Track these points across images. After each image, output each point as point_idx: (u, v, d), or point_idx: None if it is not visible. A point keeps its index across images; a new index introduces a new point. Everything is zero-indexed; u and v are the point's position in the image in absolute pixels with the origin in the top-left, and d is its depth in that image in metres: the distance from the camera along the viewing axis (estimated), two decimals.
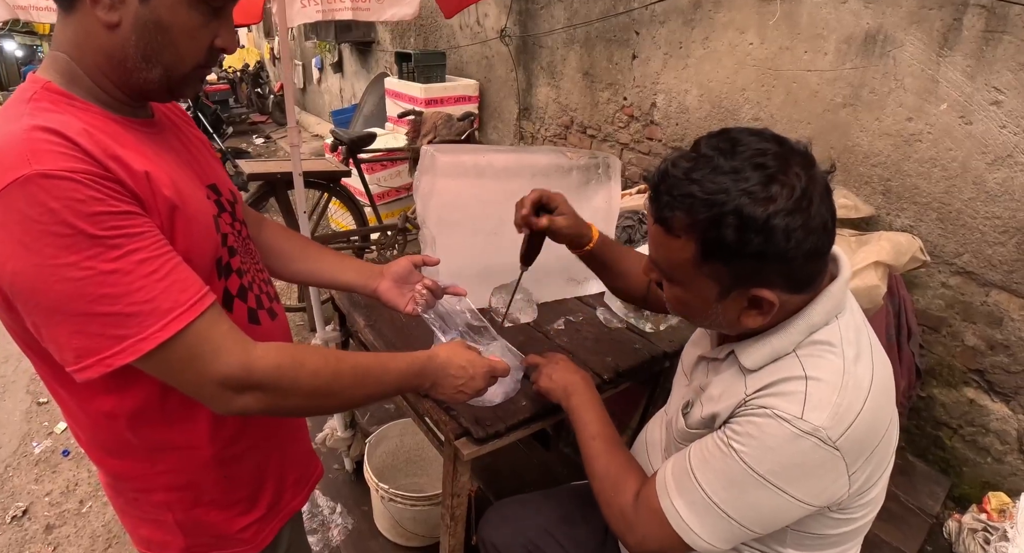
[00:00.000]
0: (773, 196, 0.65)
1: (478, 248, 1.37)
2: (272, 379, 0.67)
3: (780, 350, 0.74)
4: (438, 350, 0.87)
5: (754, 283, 0.70)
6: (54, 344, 0.62)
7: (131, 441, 0.76)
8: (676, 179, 0.69)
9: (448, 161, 1.30)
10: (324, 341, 1.65)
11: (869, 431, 0.70)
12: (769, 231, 0.65)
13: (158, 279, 0.61)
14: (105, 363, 0.60)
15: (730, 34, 2.39)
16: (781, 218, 0.64)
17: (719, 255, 0.69)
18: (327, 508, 1.90)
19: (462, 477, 1.07)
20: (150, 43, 0.65)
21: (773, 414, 0.69)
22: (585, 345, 1.29)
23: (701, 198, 0.66)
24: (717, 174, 0.66)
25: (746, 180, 0.65)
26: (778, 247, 0.66)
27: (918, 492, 2.03)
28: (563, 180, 1.39)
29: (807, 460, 0.68)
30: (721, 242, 0.67)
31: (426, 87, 3.84)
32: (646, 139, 2.94)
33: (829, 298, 0.74)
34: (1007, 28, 1.67)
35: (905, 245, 1.65)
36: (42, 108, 0.63)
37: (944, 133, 1.85)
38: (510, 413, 1.04)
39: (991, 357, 1.93)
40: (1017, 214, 1.74)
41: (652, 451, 0.97)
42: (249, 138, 7.78)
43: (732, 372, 0.79)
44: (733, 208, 0.65)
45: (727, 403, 0.77)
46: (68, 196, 0.56)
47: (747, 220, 0.65)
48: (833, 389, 0.68)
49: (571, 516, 1.13)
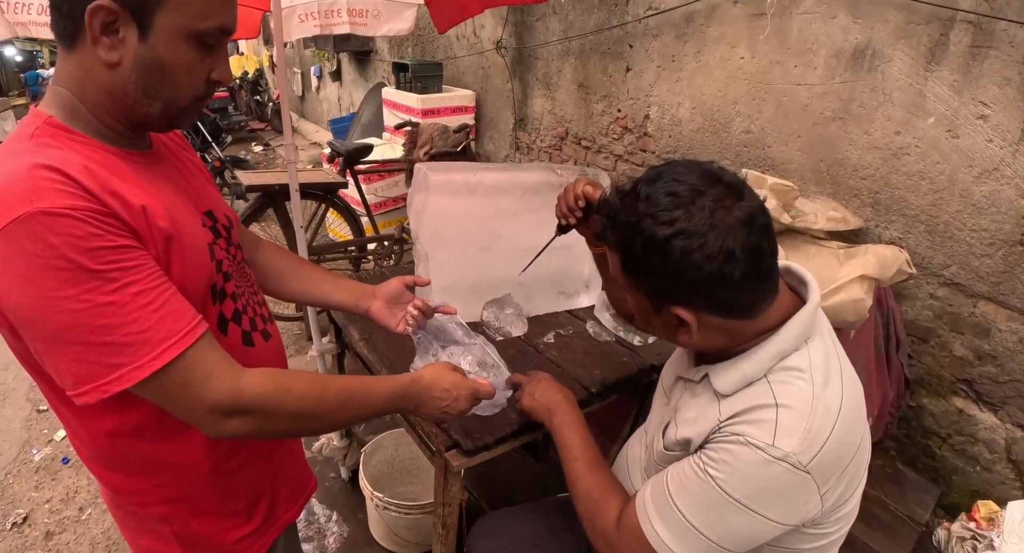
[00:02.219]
0: (673, 219, 0.71)
1: (469, 263, 1.40)
2: (260, 404, 0.70)
3: (751, 375, 0.77)
4: (422, 373, 0.90)
5: (672, 301, 0.76)
6: (54, 370, 0.65)
7: (130, 457, 0.79)
8: (613, 202, 0.78)
9: (440, 180, 1.33)
10: (320, 352, 1.67)
11: (839, 453, 0.72)
12: (667, 251, 0.71)
13: (153, 310, 0.64)
14: (101, 390, 0.63)
15: (722, 48, 2.43)
16: (679, 240, 0.70)
17: (634, 270, 0.77)
18: (323, 516, 1.92)
19: (453, 487, 1.09)
20: (149, 80, 0.68)
21: (746, 441, 0.71)
22: (575, 358, 1.31)
23: (620, 220, 0.76)
24: (636, 200, 0.75)
25: (655, 205, 0.73)
26: (676, 267, 0.72)
27: (907, 500, 2.05)
28: (553, 196, 1.41)
29: (780, 484, 0.70)
30: (633, 258, 0.76)
31: (423, 97, 3.87)
32: (640, 150, 2.97)
33: (798, 324, 0.77)
34: (993, 43, 1.70)
35: (891, 258, 1.68)
36: (43, 145, 0.66)
37: (931, 146, 1.88)
38: (498, 426, 1.07)
39: (979, 367, 1.95)
40: (1004, 226, 1.77)
41: (632, 469, 0.99)
42: (248, 145, 7.82)
43: (707, 396, 0.82)
44: (639, 229, 0.73)
45: (701, 428, 0.79)
46: (68, 232, 0.59)
47: (647, 239, 0.72)
48: (802, 415, 0.71)
49: (557, 528, 1.15)
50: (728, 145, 2.52)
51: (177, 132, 0.90)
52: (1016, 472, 1.94)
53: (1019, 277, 1.78)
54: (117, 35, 0.65)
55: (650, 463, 0.92)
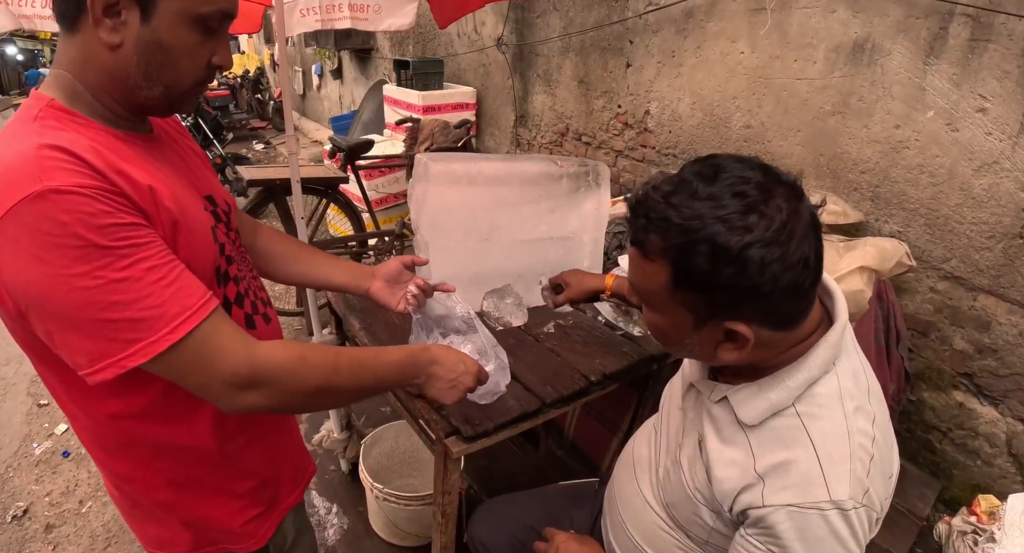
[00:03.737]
0: (750, 226, 0.62)
1: (470, 253, 1.40)
2: (275, 375, 0.70)
3: (778, 405, 0.72)
4: (431, 345, 0.91)
5: (728, 316, 0.67)
6: (67, 349, 0.65)
7: (136, 442, 0.79)
8: (654, 202, 0.67)
9: (441, 169, 1.34)
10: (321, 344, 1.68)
11: (881, 481, 0.71)
12: (743, 262, 0.62)
13: (165, 285, 0.64)
14: (119, 365, 0.63)
15: (722, 43, 2.43)
16: (757, 249, 0.62)
17: (691, 284, 0.66)
18: (323, 508, 1.92)
19: (453, 475, 1.10)
20: (151, 62, 0.68)
21: (803, 508, 0.67)
22: (574, 348, 1.32)
23: (676, 223, 0.64)
24: (695, 200, 0.64)
25: (723, 207, 0.63)
26: (752, 280, 0.63)
27: (908, 495, 2.05)
28: (553, 187, 1.43)
29: (853, 526, 0.68)
30: (693, 270, 0.65)
31: (424, 94, 3.88)
32: (640, 146, 2.97)
33: (828, 347, 0.71)
34: (992, 37, 1.70)
35: (891, 250, 1.68)
36: (48, 126, 0.66)
37: (931, 140, 1.88)
38: (498, 412, 1.07)
39: (979, 361, 1.95)
40: (1003, 219, 1.77)
41: (640, 470, 0.96)
42: (249, 144, 7.83)
43: (729, 423, 0.77)
44: (706, 235, 0.62)
45: (733, 480, 0.74)
46: (78, 209, 0.59)
47: (720, 249, 0.62)
48: (844, 457, 0.68)
49: (557, 514, 1.16)
50: (728, 140, 2.52)
51: (176, 118, 0.90)
52: (1017, 466, 1.93)
53: (1019, 270, 1.78)
54: (119, 17, 0.65)
55: (667, 486, 0.87)
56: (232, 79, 9.18)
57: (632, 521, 0.94)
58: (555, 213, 1.44)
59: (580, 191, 1.46)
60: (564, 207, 1.44)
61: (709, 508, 0.79)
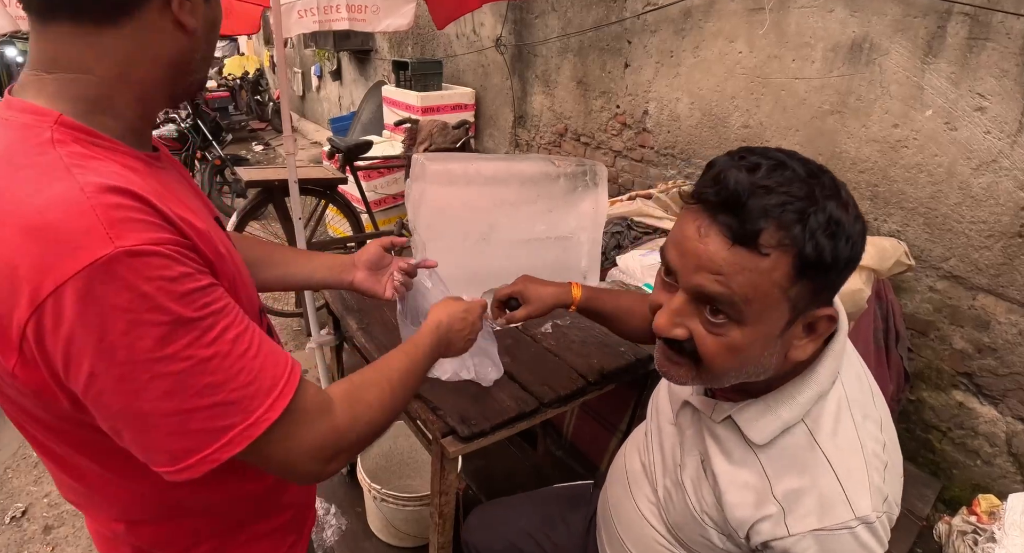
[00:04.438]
0: (845, 200, 0.61)
1: (467, 253, 1.40)
2: (355, 434, 0.63)
3: (789, 421, 0.69)
4: (437, 316, 0.89)
5: (823, 301, 0.64)
6: (142, 447, 0.53)
7: (184, 507, 0.69)
8: (756, 186, 0.59)
9: (438, 169, 1.34)
10: (319, 345, 1.68)
11: (895, 482, 0.70)
12: (856, 236, 0.60)
13: (252, 356, 0.54)
14: (211, 460, 0.53)
15: (720, 43, 2.43)
16: (860, 222, 0.62)
17: (816, 268, 0.60)
18: (321, 509, 1.92)
19: (449, 475, 1.09)
20: (211, 43, 0.62)
21: (830, 532, 0.66)
22: (572, 347, 1.31)
23: (794, 204, 0.58)
24: (797, 180, 0.59)
25: (824, 185, 0.60)
26: (858, 253, 0.61)
27: (908, 494, 2.04)
28: (551, 187, 1.42)
29: (878, 533, 0.67)
30: (818, 253, 0.59)
31: (423, 95, 3.88)
32: (639, 146, 2.97)
33: (833, 357, 0.69)
34: (990, 35, 1.70)
35: (890, 250, 1.68)
36: (78, 154, 0.51)
37: (929, 139, 1.88)
38: (495, 412, 1.07)
39: (979, 360, 1.94)
40: (1002, 218, 1.77)
41: (635, 486, 0.92)
42: (248, 145, 7.84)
43: (738, 445, 0.73)
44: (827, 213, 0.58)
45: (747, 500, 0.71)
46: (161, 275, 0.48)
47: (838, 225, 0.59)
48: (861, 470, 0.66)
49: (552, 518, 1.15)
50: (727, 140, 2.52)
51: None
52: (1017, 466, 1.93)
53: (1018, 269, 1.77)
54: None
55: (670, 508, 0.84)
56: (232, 80, 9.19)
57: (629, 537, 0.92)
58: (553, 213, 1.44)
59: (578, 191, 1.45)
60: (562, 207, 1.44)
61: (719, 531, 0.76)
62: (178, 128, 4.90)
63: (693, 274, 0.63)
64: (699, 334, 0.65)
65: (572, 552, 1.11)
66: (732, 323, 0.63)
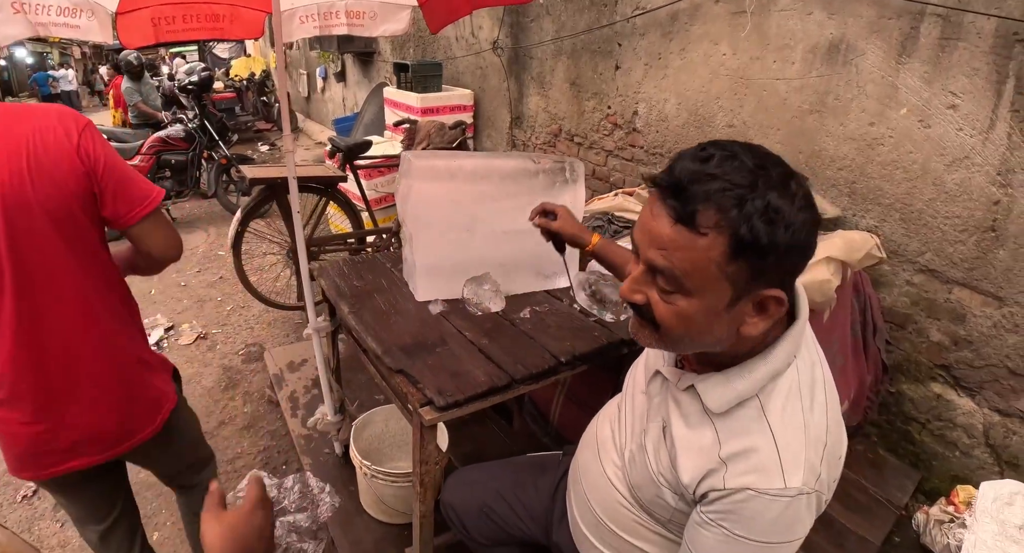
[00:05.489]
0: (794, 191, 0.66)
1: (451, 244, 1.48)
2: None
3: (744, 394, 0.76)
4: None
5: (768, 282, 0.69)
6: (129, 196, 1.07)
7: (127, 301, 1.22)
8: (702, 174, 0.67)
9: (423, 165, 1.42)
10: (316, 330, 1.77)
11: (832, 464, 0.76)
12: (794, 224, 0.65)
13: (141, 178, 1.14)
14: (152, 203, 1.10)
15: (705, 45, 2.50)
16: (805, 212, 0.66)
17: (750, 251, 0.66)
18: (317, 487, 2.00)
19: (429, 444, 1.17)
20: None
21: (759, 493, 0.72)
22: (548, 331, 1.39)
23: (733, 191, 0.65)
24: (743, 170, 0.66)
25: (769, 176, 0.66)
26: (799, 241, 0.66)
27: (887, 485, 2.10)
28: (530, 182, 1.50)
29: (800, 511, 0.73)
30: (754, 236, 0.65)
31: (422, 96, 3.97)
32: (629, 146, 3.04)
33: (791, 341, 0.76)
34: (962, 35, 1.75)
35: (859, 242, 1.74)
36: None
37: (904, 137, 1.94)
38: (470, 386, 1.15)
39: (955, 352, 1.99)
40: (975, 213, 1.82)
41: (603, 451, 1.00)
42: (255, 145, 7.97)
43: (696, 411, 0.81)
44: (765, 200, 0.64)
45: (699, 466, 0.78)
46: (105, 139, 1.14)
47: (776, 212, 0.64)
48: (800, 446, 0.73)
49: (524, 482, 1.23)
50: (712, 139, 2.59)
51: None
52: (994, 457, 1.97)
53: (991, 263, 1.82)
54: None
55: (632, 470, 0.92)
56: (238, 82, 9.34)
57: (596, 498, 1.00)
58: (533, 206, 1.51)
59: (556, 186, 1.53)
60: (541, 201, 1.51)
61: (672, 491, 0.84)
62: (185, 128, 5.01)
63: (647, 249, 0.72)
64: (653, 300, 0.74)
65: (539, 512, 1.19)
66: (679, 294, 0.71)
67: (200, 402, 2.70)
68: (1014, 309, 1.81)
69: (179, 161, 4.95)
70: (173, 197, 5.02)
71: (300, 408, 2.45)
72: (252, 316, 3.49)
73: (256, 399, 2.71)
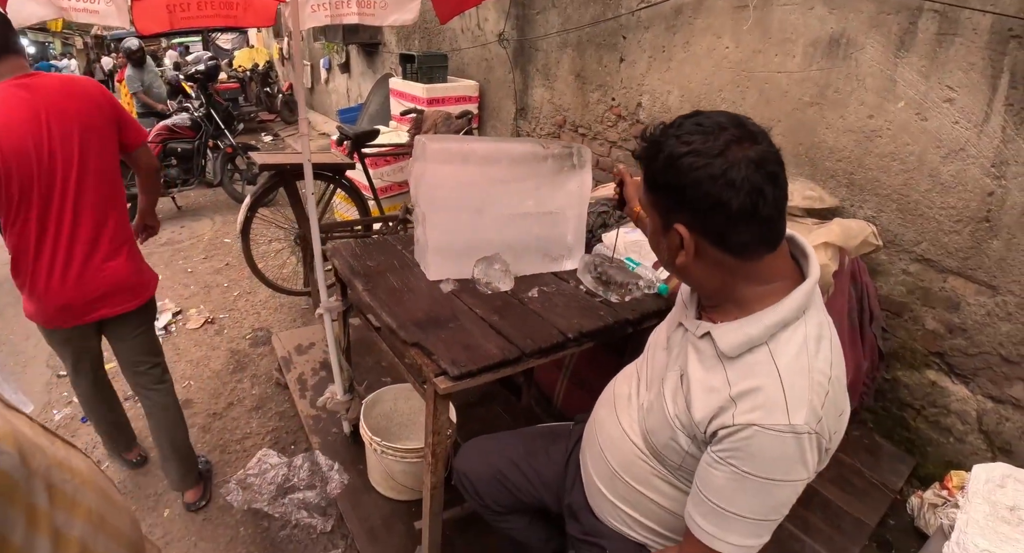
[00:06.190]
0: (691, 141, 0.81)
1: (463, 225, 1.53)
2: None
3: (755, 339, 0.84)
4: None
5: (675, 218, 0.85)
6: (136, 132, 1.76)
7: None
8: (651, 132, 0.89)
9: (437, 148, 1.47)
10: (327, 310, 1.81)
11: (832, 415, 0.82)
12: (679, 166, 0.81)
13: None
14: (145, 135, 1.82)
15: (708, 39, 2.55)
16: (689, 157, 0.80)
17: (653, 185, 0.87)
18: (326, 466, 2.06)
19: (442, 415, 1.22)
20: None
21: (764, 429, 0.79)
22: (555, 310, 1.44)
23: (651, 139, 0.87)
24: (670, 128, 0.85)
25: (681, 130, 0.83)
26: (683, 180, 0.81)
27: (882, 469, 2.15)
28: (539, 167, 1.55)
29: (803, 449, 0.79)
30: (653, 173, 0.86)
31: (428, 87, 4.01)
32: (633, 137, 3.09)
33: (800, 296, 0.84)
34: (958, 31, 1.80)
35: (856, 229, 1.79)
36: None
37: (902, 129, 1.98)
38: (482, 357, 1.20)
39: (950, 340, 2.04)
40: (970, 204, 1.87)
41: (620, 405, 1.08)
42: (258, 135, 8.00)
43: (711, 356, 0.89)
44: (663, 146, 0.83)
45: (710, 405, 0.85)
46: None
47: (667, 156, 0.82)
48: (804, 387, 0.79)
49: (536, 450, 1.28)
50: None
51: None
52: (988, 443, 2.02)
53: (985, 253, 1.87)
54: None
55: (648, 417, 0.99)
56: (242, 72, 9.35)
57: (610, 450, 1.06)
58: (541, 190, 1.56)
59: (564, 171, 1.58)
60: (549, 185, 1.56)
61: (686, 434, 0.91)
62: (191, 117, 5.04)
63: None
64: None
65: (552, 479, 1.25)
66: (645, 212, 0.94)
67: (208, 384, 2.75)
68: (1007, 298, 1.86)
69: (185, 149, 4.98)
70: (179, 185, 5.04)
71: (308, 389, 2.51)
72: (258, 302, 3.54)
73: (264, 381, 2.77)
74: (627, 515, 1.05)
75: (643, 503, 1.02)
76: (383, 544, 1.78)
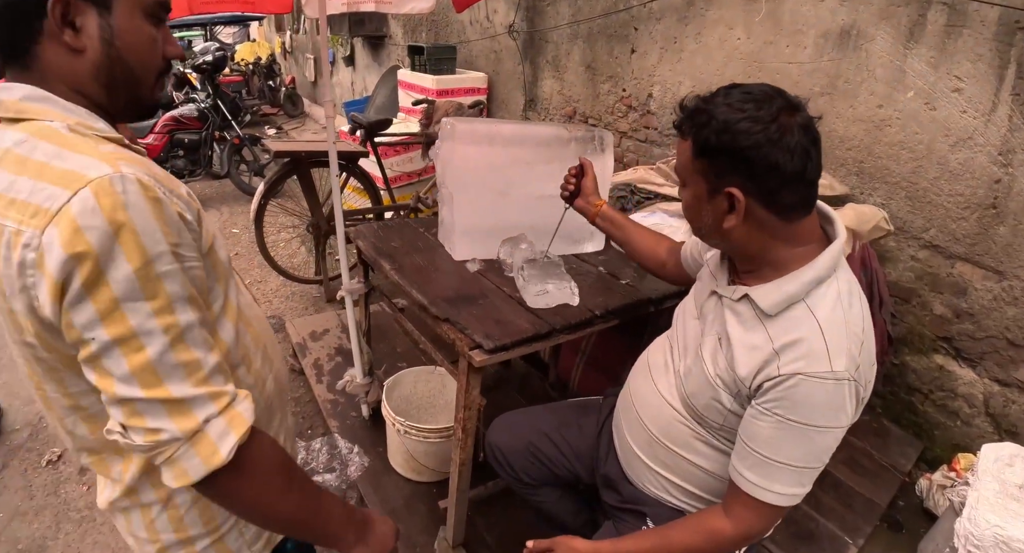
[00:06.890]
0: (744, 109, 0.84)
1: (488, 206, 1.57)
2: None
3: (793, 296, 0.88)
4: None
5: (728, 181, 0.87)
6: None
7: None
8: (692, 101, 0.92)
9: (465, 129, 1.50)
10: (349, 292, 1.84)
11: (867, 361, 0.88)
12: (737, 130, 0.83)
13: None
14: None
15: (720, 30, 2.58)
16: (745, 123, 0.83)
17: (704, 151, 0.88)
18: (345, 449, 2.09)
19: (474, 390, 1.26)
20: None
21: (808, 377, 0.83)
22: (581, 289, 1.48)
23: (699, 107, 0.89)
24: (716, 97, 0.88)
25: (732, 99, 0.86)
26: (742, 143, 0.83)
27: (891, 452, 2.19)
28: (562, 150, 1.59)
29: (843, 397, 0.84)
30: (704, 140, 0.87)
31: (438, 78, 4.03)
32: (643, 128, 3.13)
33: (832, 254, 0.89)
34: (966, 22, 1.84)
35: (868, 214, 1.84)
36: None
37: (911, 118, 2.02)
38: (514, 331, 1.24)
39: (957, 325, 2.08)
40: (977, 191, 1.91)
41: (656, 372, 1.12)
42: (261, 129, 7.99)
43: (750, 317, 0.93)
44: (715, 113, 0.86)
45: (755, 361, 0.89)
46: None
47: (722, 122, 0.85)
48: (843, 336, 0.84)
49: (568, 422, 1.32)
50: None
51: None
52: (994, 426, 2.07)
53: (992, 239, 1.91)
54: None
55: (688, 380, 1.02)
56: (244, 66, 9.34)
57: (649, 416, 1.10)
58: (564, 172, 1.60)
59: (587, 154, 1.62)
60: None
61: (728, 392, 0.95)
62: (198, 108, 5.05)
63: None
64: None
65: (584, 450, 1.28)
66: (683, 187, 0.97)
67: None
68: (1013, 283, 1.90)
69: (192, 140, 4.99)
70: (186, 176, 5.05)
71: (325, 375, 2.54)
72: (269, 290, 3.56)
73: None
74: (667, 480, 1.09)
75: (682, 466, 1.06)
76: (405, 525, 1.80)
